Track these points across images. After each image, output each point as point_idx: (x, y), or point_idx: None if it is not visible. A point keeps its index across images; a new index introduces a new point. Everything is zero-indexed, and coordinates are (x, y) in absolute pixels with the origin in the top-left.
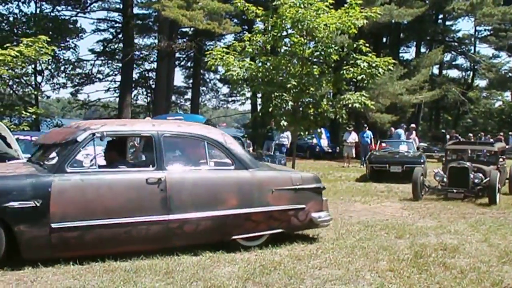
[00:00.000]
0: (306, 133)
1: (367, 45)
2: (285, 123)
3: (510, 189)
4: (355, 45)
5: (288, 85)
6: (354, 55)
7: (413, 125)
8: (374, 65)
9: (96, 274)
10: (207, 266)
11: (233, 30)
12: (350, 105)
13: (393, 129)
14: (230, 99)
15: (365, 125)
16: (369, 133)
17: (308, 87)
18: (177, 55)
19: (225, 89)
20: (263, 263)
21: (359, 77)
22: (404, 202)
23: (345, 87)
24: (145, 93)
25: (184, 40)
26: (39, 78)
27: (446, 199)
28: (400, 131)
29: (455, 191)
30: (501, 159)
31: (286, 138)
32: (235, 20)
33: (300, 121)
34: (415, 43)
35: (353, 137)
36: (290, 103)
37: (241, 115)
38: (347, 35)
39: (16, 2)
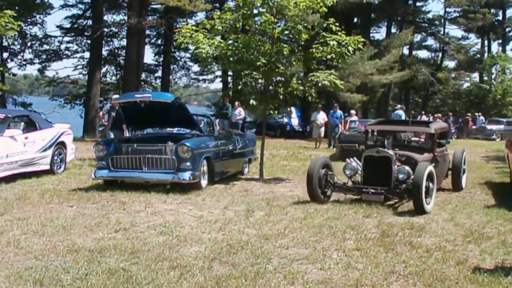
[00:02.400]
0: (276, 112)
1: (337, 24)
2: (255, 102)
3: (453, 183)
4: (325, 24)
5: (258, 63)
6: (324, 34)
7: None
8: (343, 43)
9: (59, 254)
10: (173, 246)
11: (204, 8)
12: (319, 84)
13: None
14: (201, 77)
15: (336, 105)
16: (339, 112)
17: (278, 65)
18: (148, 32)
19: (196, 68)
20: (230, 242)
21: (329, 56)
22: None
23: (315, 67)
24: (114, 70)
25: (155, 17)
26: (5, 54)
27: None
28: (400, 112)
29: (371, 191)
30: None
31: (238, 115)
32: None
33: (270, 100)
34: (386, 23)
35: (322, 117)
36: (260, 81)
37: (212, 93)
38: (319, 14)
39: None
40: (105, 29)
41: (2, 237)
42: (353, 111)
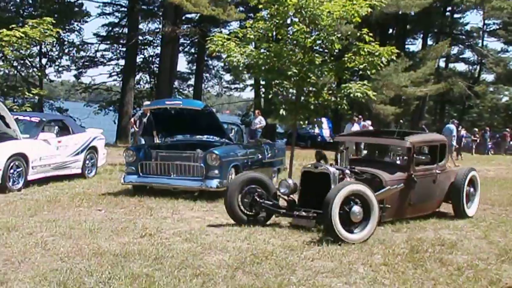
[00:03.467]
0: (306, 122)
1: (370, 34)
2: (285, 112)
3: (453, 208)
4: (358, 34)
5: (289, 73)
6: (357, 43)
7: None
8: (376, 54)
9: (84, 257)
10: (198, 253)
11: (237, 17)
12: (352, 95)
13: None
14: (233, 86)
15: (359, 116)
16: (365, 123)
17: (310, 75)
18: (181, 40)
19: (228, 77)
20: (254, 252)
21: (361, 66)
22: None
23: (348, 77)
24: (148, 78)
25: (189, 26)
26: (43, 61)
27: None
28: (452, 126)
29: (303, 214)
30: (441, 161)
31: (259, 124)
32: (241, 7)
33: (301, 110)
34: (421, 35)
35: (356, 129)
36: (291, 91)
37: (244, 102)
38: (352, 25)
39: None
40: (140, 37)
41: (30, 238)
42: (368, 122)
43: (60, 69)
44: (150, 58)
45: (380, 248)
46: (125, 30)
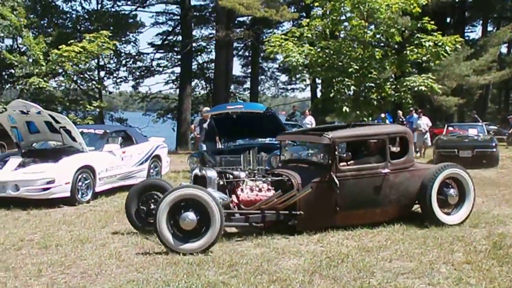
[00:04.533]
0: (370, 118)
1: (432, 22)
2: (347, 109)
3: (424, 217)
4: (418, 25)
5: (350, 70)
6: (419, 35)
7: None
8: (440, 44)
9: (159, 267)
10: (272, 259)
11: (290, 17)
12: (415, 89)
13: None
14: (289, 87)
15: (411, 109)
16: (415, 117)
17: (371, 71)
18: (235, 44)
19: (284, 77)
20: (329, 255)
21: (424, 58)
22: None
23: (409, 70)
24: (204, 84)
25: (242, 29)
26: (102, 73)
27: None
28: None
29: None
30: (399, 158)
31: (309, 124)
32: (293, 7)
33: (363, 106)
34: (481, 21)
35: (425, 123)
36: (353, 88)
37: (300, 102)
38: (409, 16)
39: (79, 0)
40: (194, 44)
41: (104, 250)
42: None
43: (118, 80)
44: (205, 64)
45: (460, 246)
46: (179, 37)
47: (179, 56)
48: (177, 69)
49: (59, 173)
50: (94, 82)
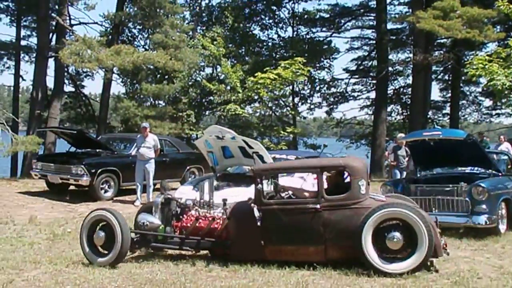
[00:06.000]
0: None
1: None
2: None
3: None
4: None
5: None
6: None
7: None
8: None
9: None
10: None
11: (496, 37)
12: None
13: None
14: (493, 112)
15: None
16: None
17: None
18: (434, 68)
19: (487, 102)
20: None
21: None
22: None
23: None
24: (400, 109)
25: (441, 51)
26: (296, 99)
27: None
28: None
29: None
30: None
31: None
32: (498, 27)
33: None
34: None
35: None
36: None
37: (507, 129)
38: None
39: (275, 29)
40: (390, 68)
41: (291, 277)
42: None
43: (312, 106)
44: (402, 89)
45: None
46: (374, 62)
47: (374, 81)
48: (372, 94)
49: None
50: (288, 108)
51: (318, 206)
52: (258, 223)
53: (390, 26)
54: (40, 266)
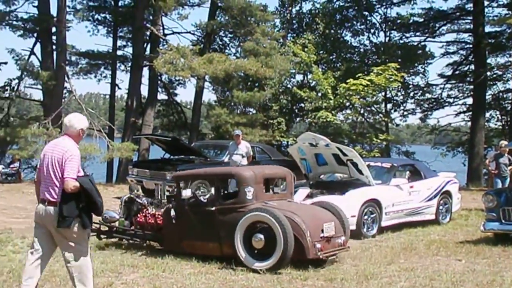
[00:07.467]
0: None
1: None
2: None
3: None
4: None
5: None
6: None
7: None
8: None
9: None
10: None
11: None
12: None
13: None
14: None
15: None
16: None
17: None
18: None
19: None
20: None
21: None
22: None
23: None
24: (499, 115)
25: None
26: (389, 105)
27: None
28: None
29: None
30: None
31: None
32: None
33: None
34: None
35: None
36: None
37: None
38: None
39: (367, 34)
40: (488, 73)
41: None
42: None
43: (405, 113)
44: (501, 94)
45: None
46: (471, 67)
47: (471, 87)
48: (469, 100)
49: (345, 206)
50: (381, 115)
51: (213, 208)
52: (173, 221)
53: (488, 29)
54: (138, 270)
